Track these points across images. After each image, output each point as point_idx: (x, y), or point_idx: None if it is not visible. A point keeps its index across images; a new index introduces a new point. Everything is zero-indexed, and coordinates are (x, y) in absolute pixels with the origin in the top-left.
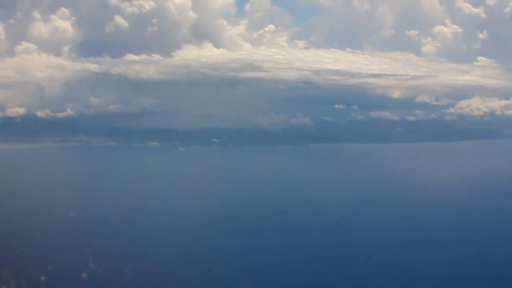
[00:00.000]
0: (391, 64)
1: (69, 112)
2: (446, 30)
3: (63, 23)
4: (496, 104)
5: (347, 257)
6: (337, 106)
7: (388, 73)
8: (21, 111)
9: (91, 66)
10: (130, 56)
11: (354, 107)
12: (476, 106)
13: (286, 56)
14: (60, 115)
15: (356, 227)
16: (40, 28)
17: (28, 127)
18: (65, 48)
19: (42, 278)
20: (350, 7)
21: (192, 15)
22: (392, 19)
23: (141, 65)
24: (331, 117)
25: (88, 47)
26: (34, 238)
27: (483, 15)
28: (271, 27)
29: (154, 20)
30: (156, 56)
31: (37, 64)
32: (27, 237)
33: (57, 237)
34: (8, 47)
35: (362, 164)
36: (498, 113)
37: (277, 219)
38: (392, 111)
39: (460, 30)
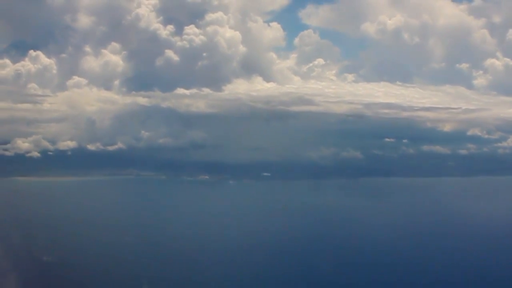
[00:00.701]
0: (443, 97)
1: (119, 145)
2: (498, 63)
3: (114, 58)
4: None
5: None
6: (387, 139)
7: (440, 106)
8: (72, 144)
9: (142, 100)
10: (180, 90)
11: (405, 140)
12: None
13: (337, 90)
14: (110, 148)
15: (410, 262)
16: (91, 63)
17: (79, 160)
18: (116, 82)
19: None
20: (399, 40)
21: (242, 49)
22: (443, 52)
23: (191, 99)
24: (382, 151)
25: (139, 81)
26: (89, 264)
27: None
28: (320, 60)
29: (204, 54)
30: (206, 90)
31: (88, 98)
32: (82, 264)
33: (111, 262)
34: (60, 81)
35: (414, 198)
36: None
37: (331, 254)
38: (444, 144)
39: None
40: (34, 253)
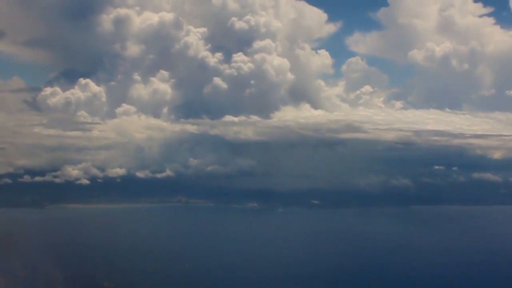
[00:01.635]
0: (494, 124)
1: (168, 172)
2: None
3: (162, 85)
4: None
5: None
6: (436, 167)
7: (491, 133)
8: (121, 171)
9: (190, 127)
10: (229, 118)
11: (454, 168)
12: None
13: (385, 117)
14: (159, 175)
15: None
16: (140, 90)
17: (128, 187)
18: (165, 110)
19: None
20: (448, 67)
21: (290, 76)
22: (492, 78)
23: (239, 126)
24: (432, 179)
25: (187, 108)
26: None
27: None
28: (368, 88)
29: (252, 82)
30: (254, 118)
31: (136, 125)
32: None
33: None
34: (109, 109)
35: (464, 227)
36: None
37: (382, 282)
38: (495, 172)
39: None
40: (95, 279)
